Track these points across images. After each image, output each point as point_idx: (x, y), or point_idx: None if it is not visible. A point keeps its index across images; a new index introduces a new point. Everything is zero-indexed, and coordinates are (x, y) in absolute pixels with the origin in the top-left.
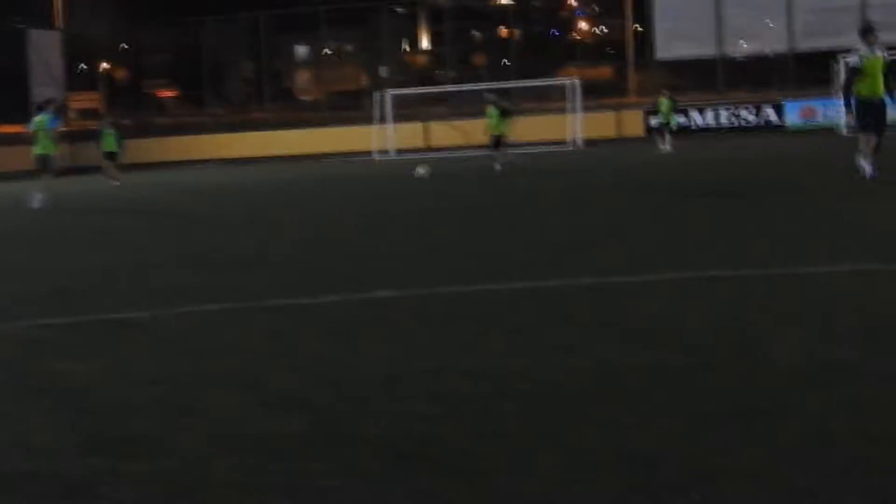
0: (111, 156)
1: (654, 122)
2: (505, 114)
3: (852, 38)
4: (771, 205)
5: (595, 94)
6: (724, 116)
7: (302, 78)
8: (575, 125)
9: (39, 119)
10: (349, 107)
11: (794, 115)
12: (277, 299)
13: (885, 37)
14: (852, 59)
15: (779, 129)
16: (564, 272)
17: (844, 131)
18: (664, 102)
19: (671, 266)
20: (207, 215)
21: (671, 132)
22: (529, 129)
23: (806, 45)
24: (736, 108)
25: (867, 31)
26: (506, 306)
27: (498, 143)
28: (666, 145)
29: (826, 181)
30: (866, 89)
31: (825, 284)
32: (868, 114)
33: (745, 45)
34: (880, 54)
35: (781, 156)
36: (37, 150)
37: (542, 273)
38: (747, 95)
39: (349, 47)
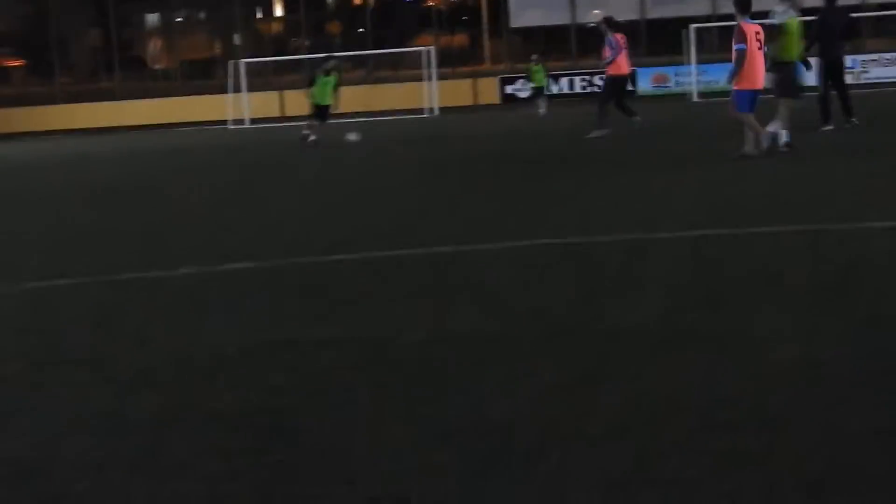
0: None
1: (526, 88)
2: (337, 85)
3: (701, 6)
4: (622, 172)
5: (450, 62)
6: (578, 84)
7: (153, 46)
8: (431, 93)
9: None
10: (202, 75)
11: (645, 81)
12: (128, 273)
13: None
14: (771, 20)
15: (630, 94)
16: (415, 241)
17: (695, 97)
18: (537, 69)
19: (520, 234)
20: (52, 189)
21: (545, 96)
22: (385, 97)
23: (657, 13)
24: (590, 75)
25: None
26: (358, 276)
27: (326, 113)
28: (542, 108)
29: (677, 147)
30: (788, 51)
31: (673, 250)
32: (795, 76)
33: (597, 13)
34: (796, 15)
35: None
36: None
37: (394, 242)
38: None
39: (201, 15)
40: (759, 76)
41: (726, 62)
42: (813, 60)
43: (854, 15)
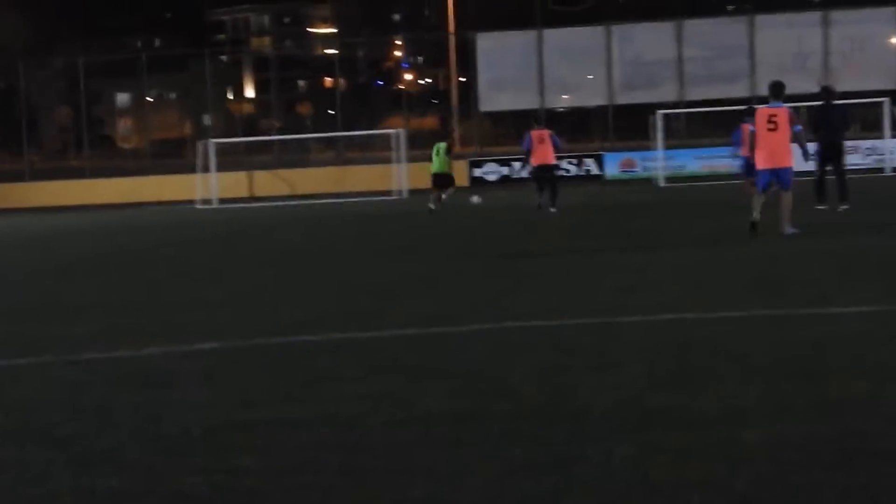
0: None
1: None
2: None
3: (669, 92)
4: (588, 254)
5: (420, 144)
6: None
7: (123, 125)
8: (400, 175)
9: None
10: (172, 154)
11: (613, 166)
12: (92, 353)
13: (702, 91)
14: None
15: (597, 178)
16: (385, 321)
17: (661, 182)
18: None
19: (490, 315)
20: (18, 265)
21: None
22: (354, 178)
23: (625, 98)
24: (557, 158)
25: (781, 87)
26: (328, 357)
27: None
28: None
29: (648, 228)
30: None
31: (644, 332)
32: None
33: (566, 98)
34: None
35: (602, 204)
36: None
37: (366, 323)
38: (568, 146)
39: (172, 94)
40: (764, 156)
41: (693, 147)
42: (811, 146)
43: (845, 103)
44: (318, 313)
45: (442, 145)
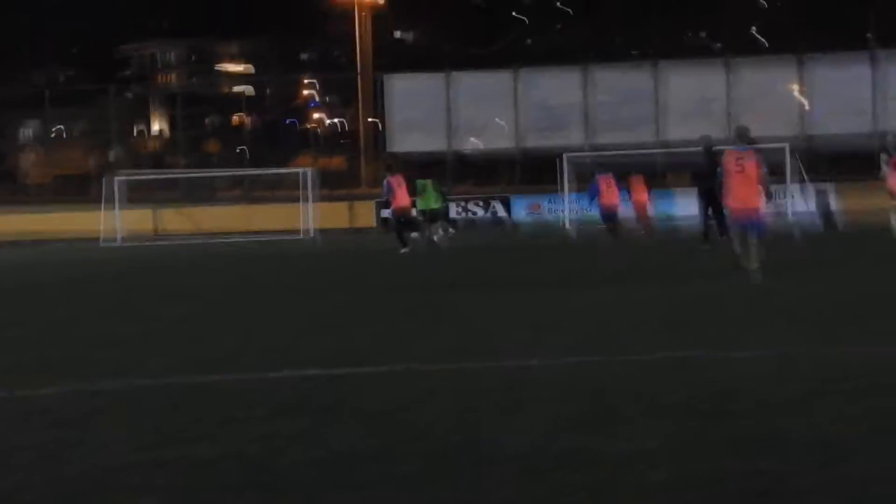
0: None
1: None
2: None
3: (576, 135)
4: (503, 294)
5: (329, 184)
6: (454, 210)
7: (27, 159)
8: (308, 215)
9: None
10: (76, 190)
11: (520, 209)
12: None
13: (610, 137)
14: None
15: (503, 221)
16: (294, 361)
17: (567, 225)
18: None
19: (399, 356)
20: None
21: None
22: (263, 217)
23: (532, 142)
24: (465, 202)
25: (747, 131)
26: (237, 396)
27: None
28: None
29: (554, 270)
30: None
31: (553, 374)
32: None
33: (475, 141)
34: None
35: (509, 246)
36: None
37: (274, 362)
38: (476, 189)
39: (77, 129)
40: (732, 197)
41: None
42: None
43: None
44: (227, 352)
45: (427, 182)
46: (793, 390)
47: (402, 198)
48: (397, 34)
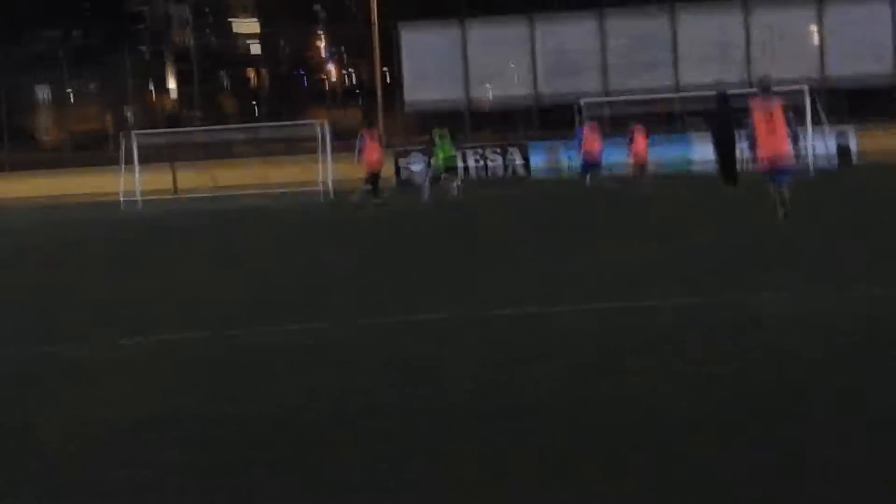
0: None
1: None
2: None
3: (593, 82)
4: (515, 246)
5: (344, 136)
6: (472, 159)
7: (42, 119)
8: (325, 169)
9: None
10: (93, 148)
11: (539, 156)
12: (17, 349)
13: (626, 82)
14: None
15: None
16: (317, 315)
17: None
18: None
19: (422, 307)
20: None
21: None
22: (279, 173)
23: (548, 88)
24: (483, 150)
25: (769, 81)
26: (258, 352)
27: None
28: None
29: (572, 220)
30: None
31: (572, 321)
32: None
33: (489, 87)
34: None
35: (529, 195)
36: None
37: (295, 317)
38: (493, 138)
39: (92, 87)
40: (763, 147)
41: (618, 136)
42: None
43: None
44: (247, 309)
45: (445, 131)
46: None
47: (373, 152)
48: None
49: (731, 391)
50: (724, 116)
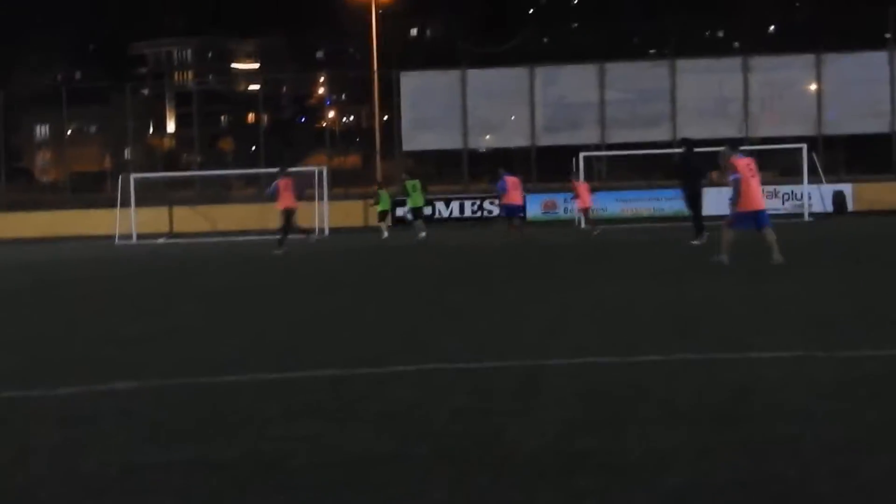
0: None
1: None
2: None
3: (591, 135)
4: (515, 293)
5: (342, 181)
6: (469, 207)
7: (41, 157)
8: (322, 212)
9: None
10: (91, 188)
11: (535, 207)
12: (10, 391)
13: (625, 135)
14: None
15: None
16: (310, 361)
17: (584, 223)
18: (413, 185)
19: (414, 357)
20: None
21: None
22: (276, 216)
23: (547, 139)
24: (480, 199)
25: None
26: (251, 397)
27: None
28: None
29: (568, 269)
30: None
31: (567, 375)
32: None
33: (489, 139)
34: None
35: (524, 244)
36: None
37: (289, 362)
38: (490, 187)
39: (92, 127)
40: (752, 200)
41: (615, 190)
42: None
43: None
44: (241, 352)
45: (416, 182)
46: (807, 395)
47: (287, 200)
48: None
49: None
50: (693, 164)
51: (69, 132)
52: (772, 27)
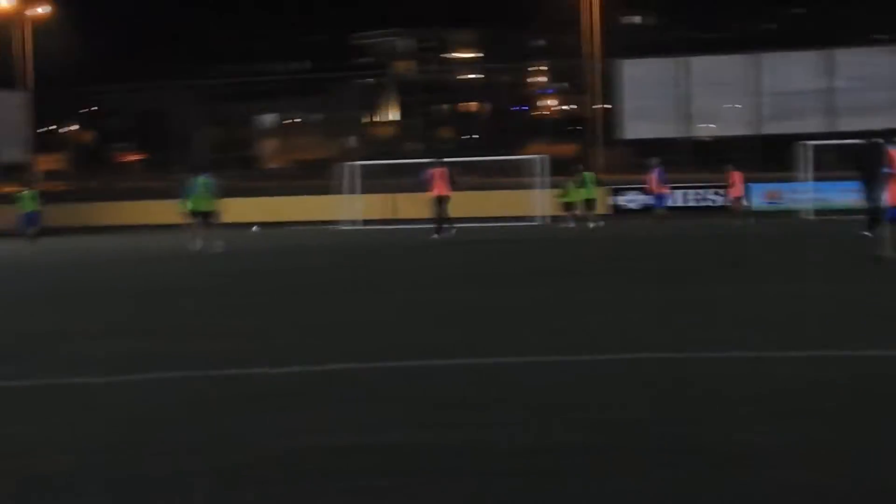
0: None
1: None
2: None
3: (817, 122)
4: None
5: (561, 170)
6: (692, 196)
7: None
8: (542, 201)
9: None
10: (313, 175)
11: (759, 197)
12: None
13: (854, 122)
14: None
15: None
16: (519, 348)
17: (810, 215)
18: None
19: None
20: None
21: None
22: (495, 203)
23: (770, 128)
24: (703, 188)
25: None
26: (455, 382)
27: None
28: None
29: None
30: None
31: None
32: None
33: (711, 127)
34: None
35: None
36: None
37: (495, 349)
38: (713, 176)
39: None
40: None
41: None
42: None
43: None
44: (455, 338)
45: (591, 175)
46: None
47: (441, 188)
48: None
49: None
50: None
51: (292, 120)
52: None
